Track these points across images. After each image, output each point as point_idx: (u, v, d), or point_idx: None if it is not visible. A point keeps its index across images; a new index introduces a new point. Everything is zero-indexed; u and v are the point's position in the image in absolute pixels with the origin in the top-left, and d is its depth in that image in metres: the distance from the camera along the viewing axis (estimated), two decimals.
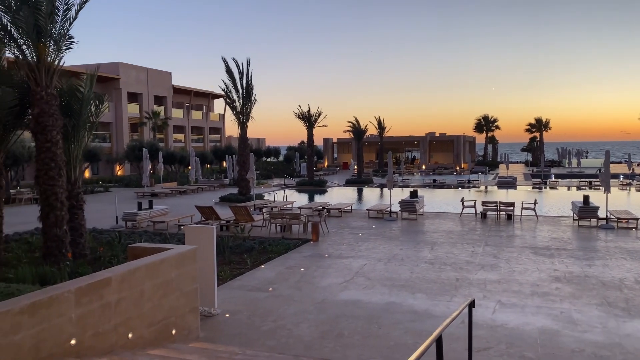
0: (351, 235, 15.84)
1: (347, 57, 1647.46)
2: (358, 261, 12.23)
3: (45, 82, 11.05)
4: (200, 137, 61.26)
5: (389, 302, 8.94)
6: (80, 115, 12.28)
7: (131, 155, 39.92)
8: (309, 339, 7.22)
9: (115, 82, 47.51)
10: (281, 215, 16.69)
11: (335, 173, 53.17)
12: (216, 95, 62.28)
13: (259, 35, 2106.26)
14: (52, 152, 11.09)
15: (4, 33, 10.95)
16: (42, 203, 11.26)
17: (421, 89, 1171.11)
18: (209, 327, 7.68)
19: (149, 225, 17.98)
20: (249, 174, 25.14)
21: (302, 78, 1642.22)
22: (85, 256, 12.01)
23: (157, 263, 6.30)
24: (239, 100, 27.35)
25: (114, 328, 5.54)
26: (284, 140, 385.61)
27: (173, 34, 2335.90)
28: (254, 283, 10.29)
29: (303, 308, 8.62)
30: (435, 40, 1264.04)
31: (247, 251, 13.16)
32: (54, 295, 4.84)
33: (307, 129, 38.12)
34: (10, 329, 4.38)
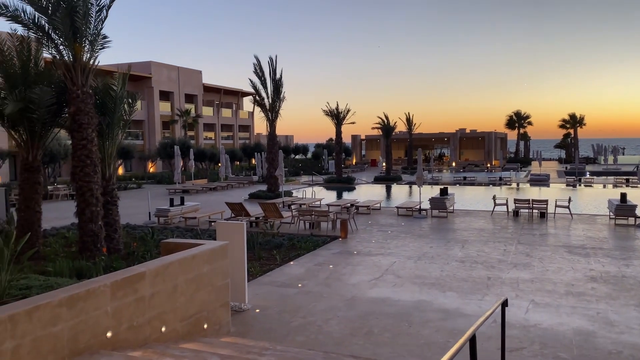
0: (380, 233, 15.76)
1: (376, 53, 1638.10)
2: (387, 259, 12.16)
3: (81, 81, 11.33)
4: (229, 135, 61.91)
5: (419, 300, 8.87)
6: (114, 113, 12.56)
7: (163, 153, 40.67)
8: (339, 336, 7.22)
9: (148, 81, 48.40)
10: (310, 212, 16.73)
11: (363, 170, 53.02)
12: (245, 93, 62.80)
13: (288, 32, 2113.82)
14: (87, 149, 11.38)
15: (42, 34, 11.28)
16: (78, 199, 11.56)
17: (451, 85, 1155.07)
18: (239, 322, 7.76)
19: (180, 221, 18.28)
20: (278, 171, 25.30)
21: (331, 75, 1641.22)
22: (119, 251, 12.30)
23: (189, 258, 6.40)
24: (268, 98, 27.51)
25: (148, 321, 5.66)
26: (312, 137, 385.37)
27: (204, 32, 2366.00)
28: (283, 279, 10.35)
29: (332, 305, 8.63)
30: (466, 36, 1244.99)
31: (277, 247, 13.25)
32: (91, 288, 4.96)
33: (335, 126, 38.09)
34: (50, 321, 4.52)
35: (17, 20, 11.09)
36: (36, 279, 6.34)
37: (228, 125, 61.76)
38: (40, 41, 11.50)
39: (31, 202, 12.03)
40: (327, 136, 74.80)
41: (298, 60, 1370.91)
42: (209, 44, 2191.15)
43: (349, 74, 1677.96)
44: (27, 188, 12.05)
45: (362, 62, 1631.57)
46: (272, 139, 27.88)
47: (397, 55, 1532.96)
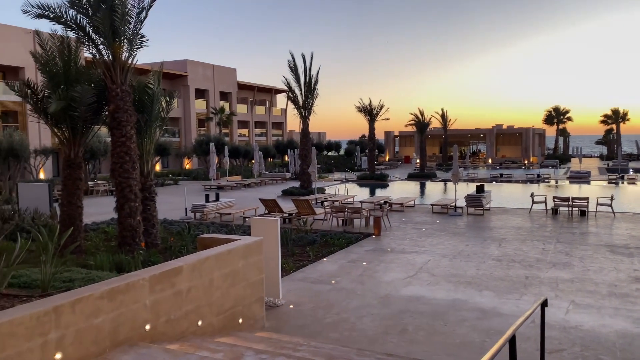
0: (414, 230, 15.60)
1: (410, 49, 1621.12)
2: (422, 257, 12.03)
3: (120, 79, 11.61)
4: (263, 132, 62.44)
5: (455, 299, 8.74)
6: (152, 111, 12.83)
7: (198, 150, 41.35)
8: (373, 333, 7.18)
9: (184, 79, 49.27)
10: (343, 209, 16.71)
11: (396, 167, 52.60)
12: (279, 90, 63.19)
13: (321, 30, 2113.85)
14: (126, 146, 11.66)
15: (83, 34, 11.60)
16: (117, 195, 11.87)
17: (487, 81, 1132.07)
18: (273, 317, 7.82)
19: (215, 216, 18.56)
20: (311, 167, 25.36)
21: (365, 71, 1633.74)
22: (157, 246, 12.57)
23: (225, 253, 6.48)
24: (301, 95, 27.58)
25: (185, 315, 5.76)
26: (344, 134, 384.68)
27: (238, 30, 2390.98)
28: (316, 275, 10.37)
29: (366, 302, 8.60)
30: (502, 32, 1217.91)
31: (310, 244, 13.28)
32: (131, 282, 5.08)
33: (368, 122, 37.88)
34: (92, 313, 4.65)
35: (59, 22, 11.44)
36: (78, 272, 6.55)
37: (261, 122, 62.30)
38: (81, 41, 11.82)
39: (73, 198, 12.41)
40: (359, 133, 74.60)
41: (332, 57, 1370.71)
42: (243, 42, 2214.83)
43: (383, 70, 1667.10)
44: (70, 184, 12.44)
45: (396, 57, 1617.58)
46: (305, 136, 27.95)
47: (432, 51, 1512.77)
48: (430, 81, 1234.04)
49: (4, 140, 26.04)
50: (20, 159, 27.01)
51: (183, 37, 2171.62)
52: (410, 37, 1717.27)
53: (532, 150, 57.81)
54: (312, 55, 27.32)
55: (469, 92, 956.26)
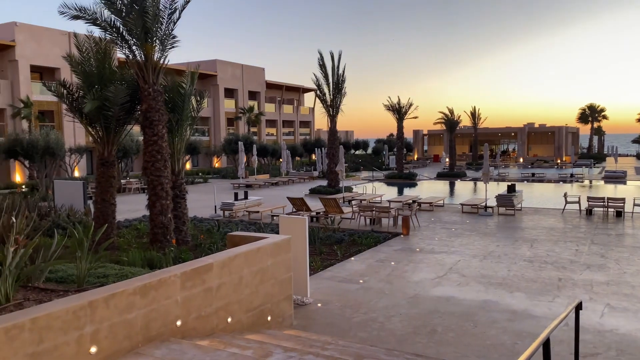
0: (443, 230, 15.42)
1: (439, 47, 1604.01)
2: (451, 257, 11.88)
3: (152, 79, 11.82)
4: (290, 131, 62.68)
5: (485, 300, 8.60)
6: (183, 110, 13.03)
7: (227, 148, 41.81)
8: (401, 334, 7.13)
9: (213, 79, 49.86)
10: (370, 208, 16.64)
11: (425, 166, 52.08)
12: (306, 89, 63.32)
13: (349, 29, 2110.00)
14: (158, 145, 11.87)
15: (117, 35, 11.85)
16: (149, 192, 12.09)
17: (518, 78, 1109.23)
18: (301, 315, 7.84)
19: (244, 214, 18.73)
20: (338, 166, 25.32)
21: (393, 70, 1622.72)
22: (187, 243, 12.77)
23: (254, 251, 6.53)
24: (329, 93, 27.58)
25: (215, 312, 5.83)
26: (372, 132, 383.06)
27: (267, 30, 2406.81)
28: (344, 274, 10.36)
29: (394, 302, 8.54)
30: (534, 27, 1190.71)
31: (337, 243, 13.27)
32: (162, 278, 5.18)
33: (396, 120, 37.62)
34: (125, 308, 4.75)
35: (94, 23, 11.71)
36: (112, 267, 6.70)
37: (289, 121, 62.54)
38: (115, 42, 12.07)
39: (106, 195, 12.71)
40: (387, 131, 74.01)
41: (360, 56, 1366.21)
42: (272, 41, 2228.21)
43: (412, 68, 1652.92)
44: (103, 182, 12.75)
45: (424, 55, 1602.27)
46: (332, 135, 27.94)
47: (462, 48, 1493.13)
48: (460, 79, 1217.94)
49: (41, 139, 26.87)
50: (56, 157, 27.83)
51: (212, 37, 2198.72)
52: (440, 35, 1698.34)
53: (565, 149, 56.43)
54: (340, 54, 27.31)
55: (499, 89, 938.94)
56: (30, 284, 5.59)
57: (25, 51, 33.72)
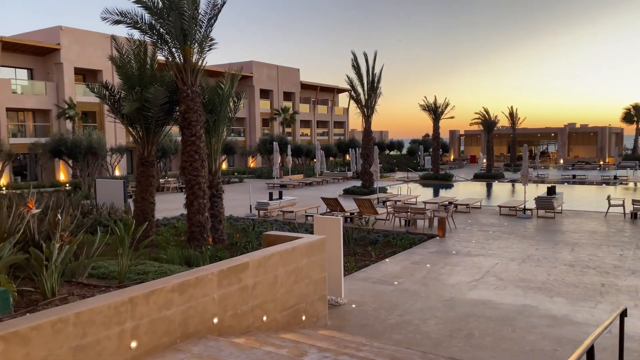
0: (480, 233, 15.14)
1: (475, 44, 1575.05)
2: (488, 260, 11.65)
3: (191, 81, 12.06)
4: (325, 131, 62.79)
5: (524, 305, 8.39)
6: (221, 111, 13.23)
7: (262, 149, 42.26)
8: (437, 337, 7.04)
9: (249, 80, 50.45)
10: (406, 209, 16.49)
11: (461, 167, 51.27)
12: (341, 89, 63.28)
13: (383, 28, 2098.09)
14: (196, 145, 12.10)
15: (157, 38, 12.15)
16: (187, 191, 12.34)
17: (559, 77, 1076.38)
18: (336, 316, 7.84)
19: (278, 214, 18.87)
20: (373, 167, 25.21)
21: (428, 69, 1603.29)
22: (223, 241, 12.96)
23: (289, 251, 6.58)
24: (364, 94, 27.48)
25: (250, 310, 5.90)
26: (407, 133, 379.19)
27: (302, 31, 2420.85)
28: (378, 276, 10.30)
29: (430, 304, 8.44)
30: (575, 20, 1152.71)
31: (372, 244, 13.21)
32: (200, 276, 5.27)
33: (432, 121, 37.17)
34: (164, 305, 4.86)
35: (135, 27, 12.04)
36: (152, 265, 6.87)
37: (323, 121, 62.67)
38: (155, 44, 12.38)
39: (146, 194, 13.05)
40: (423, 131, 73.17)
41: (395, 55, 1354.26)
42: (307, 42, 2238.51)
43: (448, 68, 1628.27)
44: (143, 181, 13.08)
45: (461, 54, 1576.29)
46: (367, 135, 27.83)
47: (500, 47, 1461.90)
48: (497, 78, 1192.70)
49: (84, 139, 27.80)
50: (98, 156, 28.76)
51: (248, 38, 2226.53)
52: (476, 32, 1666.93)
53: (609, 150, 54.50)
54: (375, 54, 27.18)
55: (538, 88, 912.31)
56: (74, 279, 5.79)
57: (69, 54, 34.95)
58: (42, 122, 35.57)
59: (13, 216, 6.14)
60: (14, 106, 33.26)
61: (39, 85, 34.68)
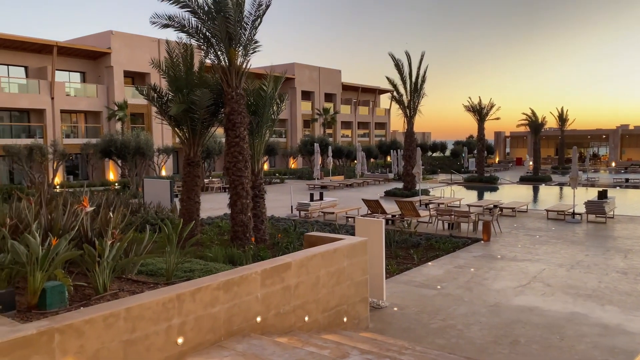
0: (527, 237, 14.71)
1: (521, 44, 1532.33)
2: (535, 265, 11.31)
3: (235, 83, 12.27)
4: (366, 132, 62.57)
5: (573, 312, 8.10)
6: (264, 113, 13.40)
7: (303, 150, 42.53)
8: (481, 342, 6.89)
9: (291, 82, 50.88)
10: (449, 212, 16.22)
11: (507, 169, 50.02)
12: (382, 90, 62.89)
13: (427, 28, 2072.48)
14: (240, 146, 12.29)
15: (203, 41, 12.42)
16: (230, 192, 12.56)
17: (611, 76, 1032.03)
18: (377, 318, 7.80)
19: (319, 215, 18.93)
20: (415, 168, 24.93)
21: (472, 69, 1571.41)
22: (265, 241, 13.12)
23: (331, 252, 6.59)
24: (407, 94, 27.22)
25: (292, 310, 5.95)
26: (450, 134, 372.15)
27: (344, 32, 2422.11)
28: (421, 279, 10.17)
29: (474, 309, 8.27)
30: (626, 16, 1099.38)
31: (414, 247, 13.07)
32: (244, 275, 5.35)
33: (477, 122, 36.42)
34: (209, 302, 4.97)
35: (183, 30, 12.35)
36: (197, 263, 7.03)
37: (364, 122, 62.48)
38: (201, 47, 12.66)
39: (192, 194, 13.36)
40: (467, 133, 72.02)
41: (438, 55, 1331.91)
42: (349, 43, 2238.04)
43: (493, 67, 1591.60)
44: (189, 181, 13.41)
45: (507, 54, 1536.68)
46: (409, 136, 27.55)
47: (548, 46, 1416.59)
48: (545, 79, 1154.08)
49: (133, 140, 28.74)
50: (145, 157, 29.66)
51: (290, 40, 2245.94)
52: (522, 31, 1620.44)
53: None
54: (422, 55, 26.80)
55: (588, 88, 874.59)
56: (124, 275, 5.99)
57: (119, 58, 36.23)
58: (93, 123, 37.02)
59: (68, 214, 6.42)
60: (68, 108, 34.77)
61: (90, 88, 36.12)
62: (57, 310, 4.72)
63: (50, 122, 33.34)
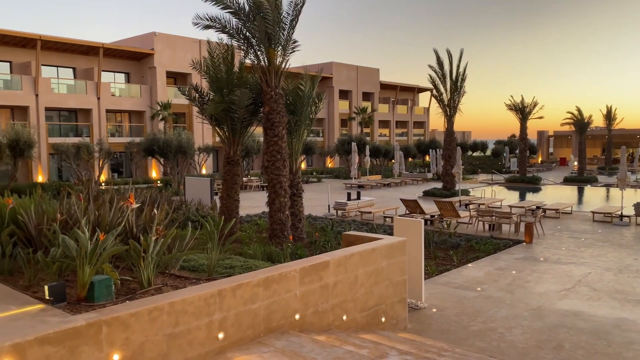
0: (571, 240, 14.25)
1: (565, 40, 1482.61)
2: (580, 269, 10.95)
3: (274, 83, 12.38)
4: (404, 131, 61.96)
5: (620, 318, 7.80)
6: (302, 112, 13.48)
7: (341, 149, 42.50)
8: (523, 346, 6.73)
9: (329, 81, 50.92)
10: (490, 213, 15.88)
11: (550, 169, 48.56)
12: (421, 89, 62.16)
13: (465, 26, 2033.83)
14: (278, 145, 12.41)
15: (244, 41, 12.59)
16: (269, 190, 12.69)
17: None
18: (416, 319, 7.73)
19: (356, 215, 18.90)
20: (455, 168, 24.53)
21: (514, 67, 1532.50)
22: (302, 240, 13.19)
23: (369, 251, 6.57)
24: (447, 93, 26.82)
25: (331, 308, 5.97)
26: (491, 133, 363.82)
27: (382, 30, 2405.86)
28: (460, 281, 10.01)
29: (515, 313, 8.08)
30: None
31: (453, 248, 12.87)
32: (283, 272, 5.41)
33: (519, 121, 35.50)
34: (249, 299, 5.04)
35: (224, 31, 12.55)
36: (237, 259, 7.14)
37: (402, 121, 61.88)
38: (241, 48, 12.83)
39: (231, 192, 13.57)
40: (508, 132, 70.32)
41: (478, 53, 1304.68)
42: (387, 41, 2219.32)
43: (536, 65, 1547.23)
44: (229, 179, 13.62)
45: (551, 51, 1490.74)
46: (449, 135, 27.13)
47: (594, 43, 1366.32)
48: (590, 77, 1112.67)
49: (174, 139, 29.43)
50: (187, 155, 30.34)
51: (327, 39, 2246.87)
52: (565, 27, 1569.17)
53: None
54: (461, 52, 26.38)
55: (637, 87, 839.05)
56: (167, 270, 6.15)
57: (162, 59, 37.15)
58: (136, 122, 38.10)
59: (114, 210, 6.64)
60: (113, 108, 35.92)
61: (134, 88, 37.19)
62: (104, 303, 4.89)
63: (97, 122, 34.52)
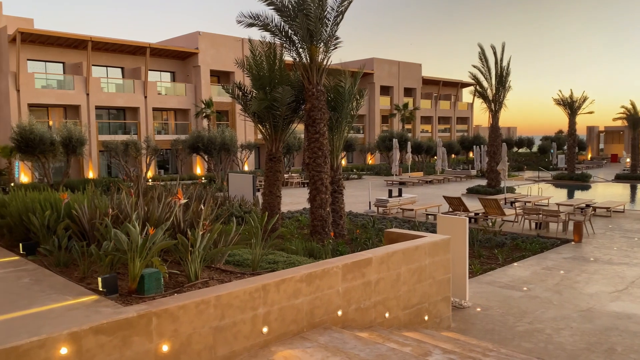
0: (624, 239, 13.68)
1: (615, 31, 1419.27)
2: (634, 270, 10.50)
3: (316, 80, 12.42)
4: (447, 127, 60.93)
5: None
6: (343, 109, 13.47)
7: (381, 146, 42.22)
8: (572, 349, 6.52)
9: (370, 77, 50.65)
10: (537, 211, 15.43)
11: (600, 166, 46.68)
12: (465, 84, 60.90)
13: (511, 19, 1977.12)
14: (320, 142, 12.45)
15: (286, 39, 12.69)
16: (310, 187, 12.76)
17: None
18: (459, 318, 7.62)
19: (398, 212, 18.75)
20: (500, 165, 23.94)
21: (562, 61, 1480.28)
22: (343, 236, 13.21)
23: (412, 249, 6.52)
24: (491, 88, 26.20)
25: (373, 305, 5.96)
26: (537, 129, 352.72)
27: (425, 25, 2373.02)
28: (505, 280, 9.79)
29: (564, 314, 7.84)
30: None
31: (498, 246, 12.59)
32: (326, 268, 5.44)
33: (568, 116, 34.27)
34: (293, 294, 5.10)
35: (266, 29, 12.68)
36: (280, 255, 7.23)
37: (445, 117, 60.87)
38: (284, 45, 12.94)
39: (273, 188, 13.73)
40: (555, 128, 68.05)
41: (524, 48, 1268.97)
42: (430, 36, 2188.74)
43: (585, 59, 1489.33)
44: (271, 175, 13.79)
45: (599, 43, 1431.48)
46: (494, 131, 26.51)
47: None
48: None
49: (218, 136, 30.00)
50: (230, 152, 30.88)
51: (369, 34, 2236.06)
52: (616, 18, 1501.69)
53: None
54: (503, 46, 25.75)
55: None
56: (213, 265, 6.29)
57: (206, 58, 37.91)
58: (182, 120, 39.05)
59: (162, 205, 6.84)
60: (159, 106, 36.95)
61: (179, 87, 38.11)
62: (153, 296, 5.06)
63: (144, 120, 35.60)
